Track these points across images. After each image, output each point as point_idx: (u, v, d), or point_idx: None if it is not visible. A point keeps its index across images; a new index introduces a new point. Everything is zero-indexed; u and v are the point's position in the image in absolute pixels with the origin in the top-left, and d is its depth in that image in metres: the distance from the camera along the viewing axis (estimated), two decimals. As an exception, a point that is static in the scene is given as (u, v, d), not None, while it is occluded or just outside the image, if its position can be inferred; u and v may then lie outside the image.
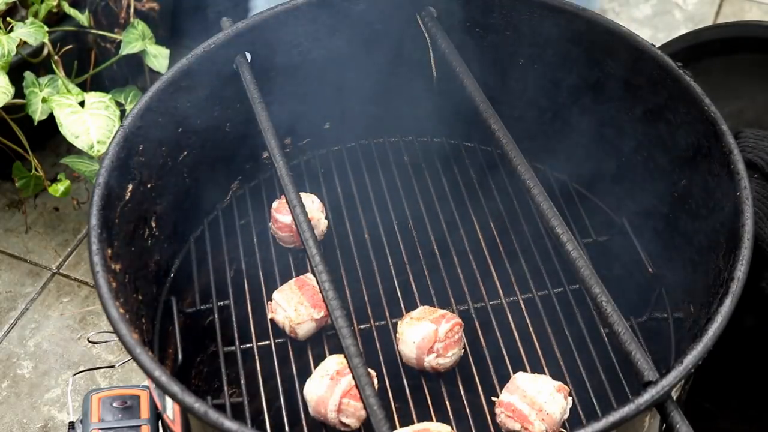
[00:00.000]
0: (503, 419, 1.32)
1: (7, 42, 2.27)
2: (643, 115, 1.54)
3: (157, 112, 1.47)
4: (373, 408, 1.06)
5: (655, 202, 1.56)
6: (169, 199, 1.54)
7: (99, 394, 1.44)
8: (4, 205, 2.76)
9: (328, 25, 1.61)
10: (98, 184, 1.36)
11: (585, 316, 1.49)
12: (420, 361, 1.41)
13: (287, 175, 1.36)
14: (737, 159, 1.34)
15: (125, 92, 2.58)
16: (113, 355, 2.40)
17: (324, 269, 1.22)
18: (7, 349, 2.43)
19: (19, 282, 2.58)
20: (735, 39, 1.85)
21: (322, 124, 1.76)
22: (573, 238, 1.26)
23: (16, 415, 2.30)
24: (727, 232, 1.33)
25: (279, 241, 1.62)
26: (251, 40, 1.56)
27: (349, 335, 1.14)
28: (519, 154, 1.37)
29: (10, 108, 2.38)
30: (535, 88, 1.68)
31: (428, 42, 1.62)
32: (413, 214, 1.65)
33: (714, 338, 1.16)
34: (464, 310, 1.50)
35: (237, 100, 1.57)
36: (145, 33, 2.57)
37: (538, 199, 1.31)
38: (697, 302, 1.42)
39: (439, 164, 1.73)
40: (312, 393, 1.36)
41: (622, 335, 1.17)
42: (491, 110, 1.44)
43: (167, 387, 1.14)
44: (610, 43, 1.54)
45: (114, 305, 1.23)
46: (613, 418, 1.07)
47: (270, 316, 1.50)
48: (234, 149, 1.65)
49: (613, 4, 3.38)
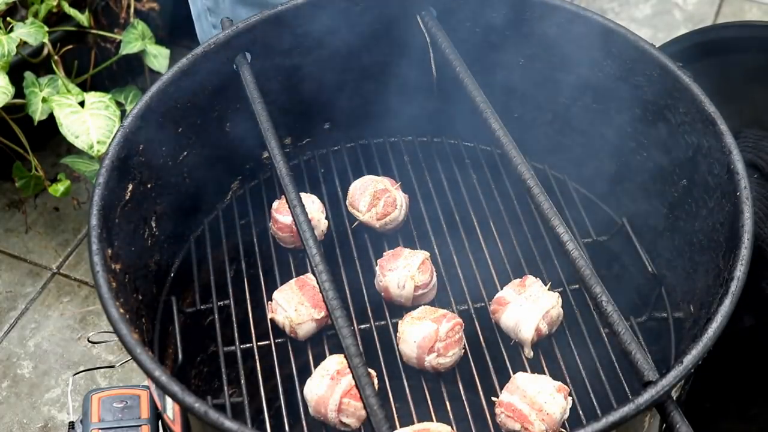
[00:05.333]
0: (503, 419, 1.32)
1: (7, 42, 2.27)
2: (643, 115, 1.54)
3: (157, 112, 1.47)
4: (373, 408, 1.06)
5: (655, 202, 1.56)
6: (169, 199, 1.54)
7: (99, 394, 1.44)
8: (4, 205, 2.76)
9: (328, 25, 1.61)
10: (98, 184, 1.36)
11: (585, 316, 1.49)
12: (420, 361, 1.41)
13: (287, 175, 1.36)
14: (737, 159, 1.34)
15: (125, 92, 2.58)
16: (113, 355, 2.40)
17: (324, 269, 1.22)
18: (7, 349, 2.43)
19: (19, 282, 2.58)
20: (735, 39, 1.85)
21: (322, 124, 1.76)
22: (573, 238, 1.26)
23: (16, 415, 2.31)
24: (727, 232, 1.33)
25: (279, 241, 1.62)
26: (251, 40, 1.56)
27: (349, 335, 1.14)
28: (519, 154, 1.37)
29: (10, 108, 2.38)
30: (535, 88, 1.68)
31: (428, 42, 1.62)
32: (413, 214, 1.65)
33: (714, 338, 1.16)
34: (464, 310, 1.50)
35: (237, 100, 1.57)
36: (145, 33, 2.58)
37: (538, 199, 1.32)
38: (697, 302, 1.42)
39: (439, 164, 1.73)
40: (312, 393, 1.36)
41: (622, 335, 1.17)
42: (491, 110, 1.44)
43: (167, 387, 1.14)
44: (610, 43, 1.54)
45: (114, 305, 1.23)
46: (613, 418, 1.07)
47: (270, 316, 1.50)
48: (234, 149, 1.65)
49: (613, 4, 3.38)
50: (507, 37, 1.63)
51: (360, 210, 1.60)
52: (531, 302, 1.43)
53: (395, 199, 1.60)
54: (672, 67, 1.46)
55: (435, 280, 1.52)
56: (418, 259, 1.50)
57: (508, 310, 1.45)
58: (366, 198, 1.60)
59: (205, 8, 1.84)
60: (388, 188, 1.61)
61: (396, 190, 1.63)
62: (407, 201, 1.64)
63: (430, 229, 1.62)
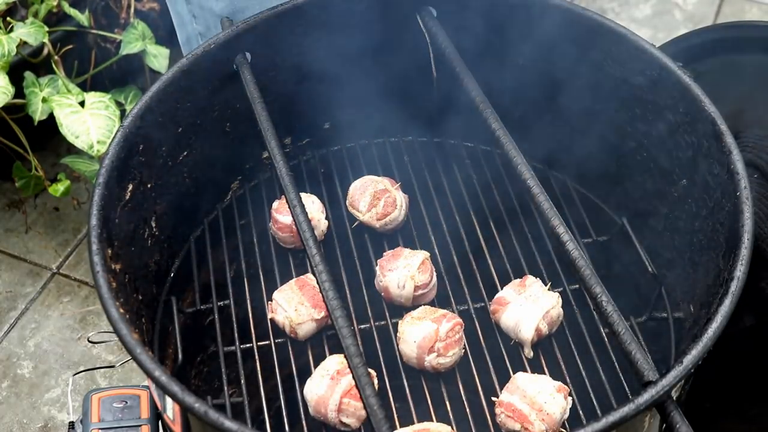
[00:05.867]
0: (503, 419, 1.32)
1: (7, 42, 2.27)
2: (643, 115, 1.54)
3: (157, 112, 1.47)
4: (373, 408, 1.06)
5: (655, 202, 1.56)
6: (169, 199, 1.54)
7: (99, 394, 1.44)
8: (4, 205, 2.76)
9: (328, 25, 1.61)
10: (98, 184, 1.36)
11: (585, 316, 1.49)
12: (420, 361, 1.41)
13: (287, 175, 1.36)
14: (737, 159, 1.34)
15: (125, 92, 2.58)
16: (113, 355, 2.40)
17: (324, 269, 1.22)
18: (7, 349, 2.43)
19: (19, 282, 2.58)
20: (735, 39, 1.85)
21: (322, 124, 1.76)
22: (573, 238, 1.26)
23: (16, 415, 2.31)
24: (727, 232, 1.33)
25: (279, 242, 1.62)
26: (251, 40, 1.56)
27: (349, 335, 1.14)
28: (519, 154, 1.37)
29: (10, 108, 2.38)
30: (535, 88, 1.68)
31: (428, 42, 1.62)
32: (413, 214, 1.65)
33: (714, 338, 1.16)
34: (464, 310, 1.50)
35: (237, 100, 1.57)
36: (145, 33, 2.57)
37: (538, 199, 1.31)
38: (697, 302, 1.42)
39: (439, 164, 1.73)
40: (312, 393, 1.36)
41: (622, 335, 1.17)
42: (491, 110, 1.44)
43: (167, 387, 1.14)
44: (610, 43, 1.54)
45: (114, 305, 1.23)
46: (613, 418, 1.07)
47: (270, 316, 1.50)
48: (234, 149, 1.65)
49: (613, 4, 3.38)
50: (507, 37, 1.63)
51: (360, 210, 1.60)
52: (531, 302, 1.44)
53: (395, 199, 1.60)
54: (672, 67, 1.46)
55: (435, 280, 1.52)
56: (418, 259, 1.50)
57: (508, 310, 1.45)
58: (366, 198, 1.60)
59: (197, 33, 1.83)
60: (388, 188, 1.61)
61: (396, 190, 1.63)
62: (407, 201, 1.64)
63: (430, 229, 1.62)
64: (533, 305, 1.43)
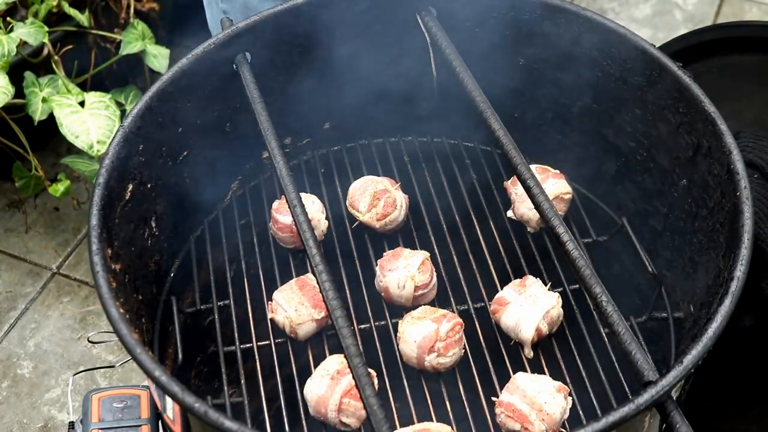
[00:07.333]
0: (503, 419, 1.32)
1: (7, 42, 2.27)
2: (642, 115, 1.54)
3: (157, 112, 1.47)
4: (373, 408, 1.06)
5: (655, 202, 1.56)
6: (169, 199, 1.54)
7: (99, 394, 1.44)
8: (4, 205, 2.76)
9: (328, 25, 1.60)
10: (98, 184, 1.36)
11: (585, 316, 1.49)
12: (421, 361, 1.41)
13: (287, 175, 1.36)
14: (737, 159, 1.34)
15: (125, 92, 2.58)
16: (113, 355, 2.40)
17: (324, 269, 1.22)
18: (7, 349, 2.43)
19: (19, 282, 2.58)
20: (735, 39, 1.85)
21: (322, 124, 1.76)
22: (573, 238, 1.26)
23: (16, 415, 2.31)
24: (727, 232, 1.33)
25: (279, 242, 1.62)
26: (251, 40, 1.56)
27: (349, 335, 1.14)
28: (519, 154, 1.37)
29: (10, 108, 2.38)
30: (535, 88, 1.68)
31: (428, 42, 1.62)
32: (413, 214, 1.65)
33: (714, 338, 1.16)
34: (464, 310, 1.50)
35: (237, 100, 1.57)
36: (145, 33, 2.58)
37: (539, 199, 1.31)
38: (697, 302, 1.42)
39: (439, 164, 1.73)
40: (312, 393, 1.36)
41: (622, 335, 1.17)
42: (491, 110, 1.44)
43: (167, 387, 1.14)
44: (610, 43, 1.54)
45: (114, 305, 1.23)
46: (613, 418, 1.07)
47: (270, 316, 1.50)
48: (234, 149, 1.65)
49: (613, 4, 3.38)
50: (507, 37, 1.63)
51: (360, 210, 1.60)
52: (531, 302, 1.43)
53: (395, 199, 1.60)
54: (672, 67, 1.46)
55: (435, 280, 1.52)
56: (418, 259, 1.50)
57: (508, 310, 1.45)
58: (366, 198, 1.60)
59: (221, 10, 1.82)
60: (388, 188, 1.61)
61: (396, 190, 1.63)
62: (407, 201, 1.64)
63: (430, 229, 1.62)
64: (533, 305, 1.43)
